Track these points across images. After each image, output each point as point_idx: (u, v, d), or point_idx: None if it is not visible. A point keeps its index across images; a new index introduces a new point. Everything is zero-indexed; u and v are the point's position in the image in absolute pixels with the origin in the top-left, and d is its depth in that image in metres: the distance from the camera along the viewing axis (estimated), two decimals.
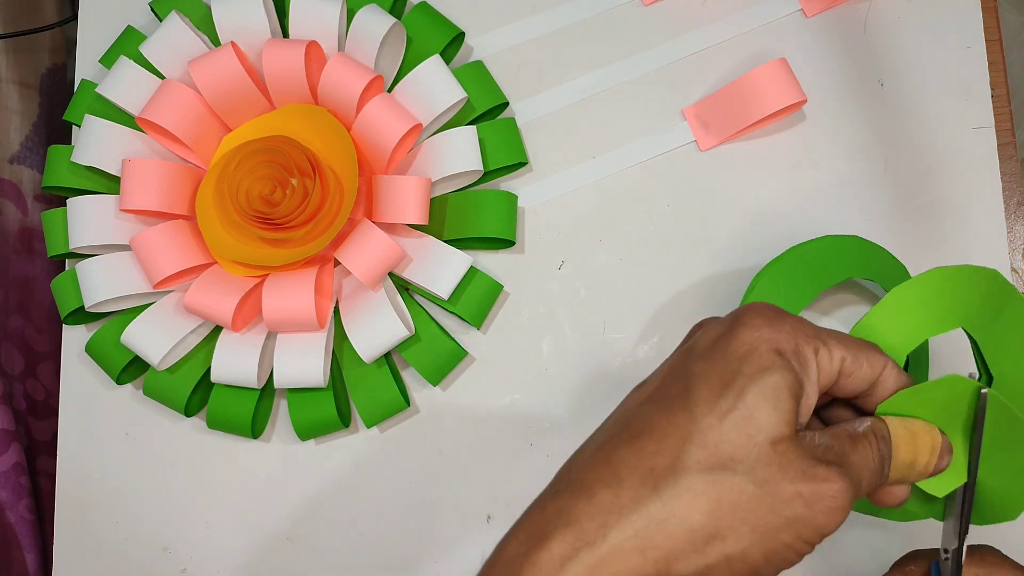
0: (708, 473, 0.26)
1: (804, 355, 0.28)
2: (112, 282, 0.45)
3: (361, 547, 0.47)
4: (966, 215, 0.46)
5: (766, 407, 0.26)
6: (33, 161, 0.55)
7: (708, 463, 0.26)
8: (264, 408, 0.47)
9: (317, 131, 0.45)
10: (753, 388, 0.27)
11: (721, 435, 0.26)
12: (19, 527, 0.50)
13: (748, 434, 0.26)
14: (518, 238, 0.48)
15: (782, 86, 0.45)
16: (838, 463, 0.27)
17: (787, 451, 0.26)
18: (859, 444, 0.28)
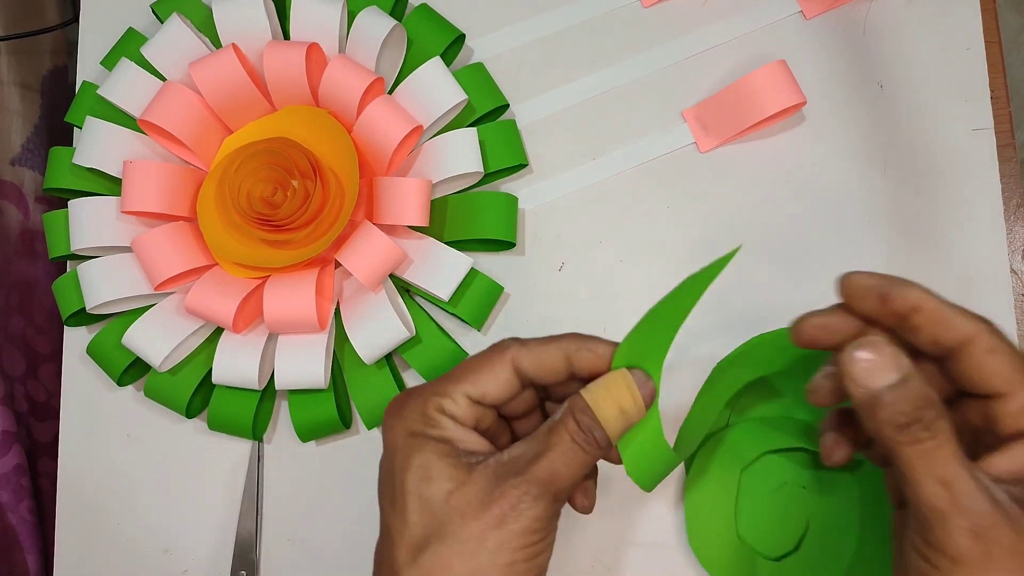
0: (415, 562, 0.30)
1: (432, 418, 0.31)
2: (113, 284, 0.45)
3: (361, 547, 0.47)
4: (965, 217, 0.46)
5: (424, 482, 0.30)
6: (34, 163, 0.56)
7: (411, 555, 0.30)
8: (265, 410, 0.47)
9: (318, 133, 0.45)
10: (408, 476, 0.30)
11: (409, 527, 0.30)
12: (20, 528, 0.50)
13: (425, 510, 0.30)
14: (518, 239, 0.48)
15: (782, 88, 0.45)
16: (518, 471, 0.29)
17: (459, 499, 0.29)
18: (554, 433, 0.30)
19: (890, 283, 0.29)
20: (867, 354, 0.27)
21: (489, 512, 0.29)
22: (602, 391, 0.31)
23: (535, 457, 0.30)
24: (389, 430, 0.32)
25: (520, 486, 0.29)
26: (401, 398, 0.32)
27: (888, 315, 0.29)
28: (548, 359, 0.32)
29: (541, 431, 0.31)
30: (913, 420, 0.26)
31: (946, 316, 0.28)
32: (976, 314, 0.29)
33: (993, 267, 0.46)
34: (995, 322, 0.29)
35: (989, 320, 0.29)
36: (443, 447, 0.30)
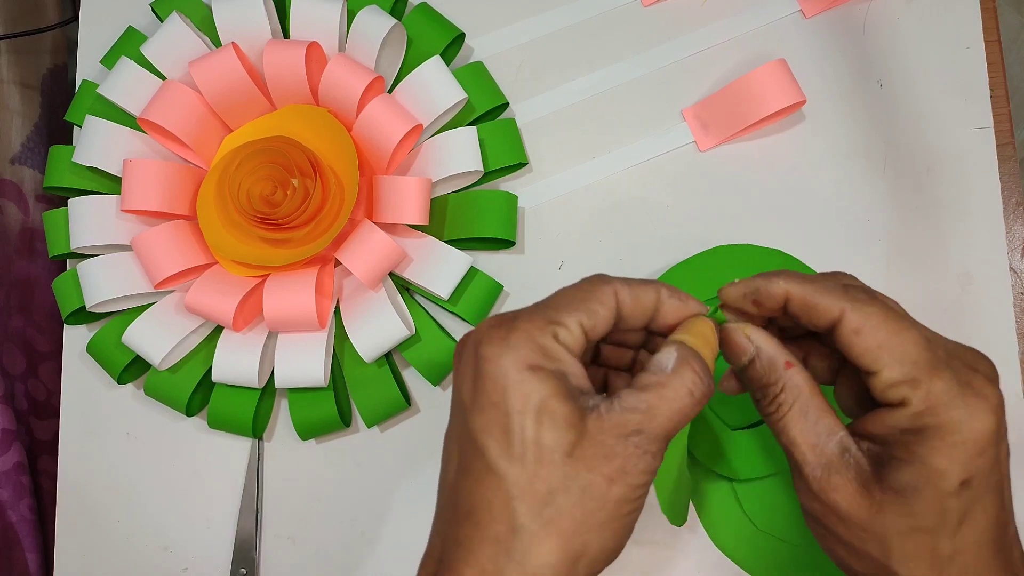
0: (540, 516, 0.28)
1: (549, 349, 0.29)
2: (113, 282, 0.45)
3: (361, 547, 0.47)
4: (965, 215, 0.46)
5: (546, 428, 0.28)
6: (34, 161, 0.56)
7: (536, 507, 0.28)
8: (265, 408, 0.47)
9: (318, 132, 0.45)
10: (528, 420, 0.28)
11: (531, 477, 0.28)
12: (20, 527, 0.50)
13: (548, 461, 0.28)
14: (518, 238, 0.48)
15: (781, 87, 0.45)
16: (638, 427, 0.28)
17: (583, 452, 0.28)
18: (671, 385, 0.29)
19: (756, 285, 0.31)
20: (731, 336, 0.31)
21: (612, 465, 0.28)
22: (699, 339, 0.30)
23: (651, 411, 0.28)
24: (493, 359, 0.28)
25: (642, 445, 0.28)
26: (505, 322, 0.29)
27: (768, 313, 0.32)
28: (645, 298, 0.30)
29: (650, 382, 0.29)
30: (760, 395, 0.31)
31: (811, 302, 0.30)
32: (845, 286, 0.30)
33: (992, 265, 0.46)
34: (859, 277, 0.31)
35: (856, 289, 0.30)
36: (561, 385, 0.28)
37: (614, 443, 0.28)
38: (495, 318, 0.30)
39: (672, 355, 0.29)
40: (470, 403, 0.29)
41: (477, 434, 0.29)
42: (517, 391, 0.28)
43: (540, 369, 0.28)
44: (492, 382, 0.28)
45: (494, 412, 0.28)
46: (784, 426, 0.30)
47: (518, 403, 0.28)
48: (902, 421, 0.28)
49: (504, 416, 0.28)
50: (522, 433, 0.28)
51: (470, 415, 0.29)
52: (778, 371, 0.30)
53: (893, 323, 0.29)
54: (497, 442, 0.28)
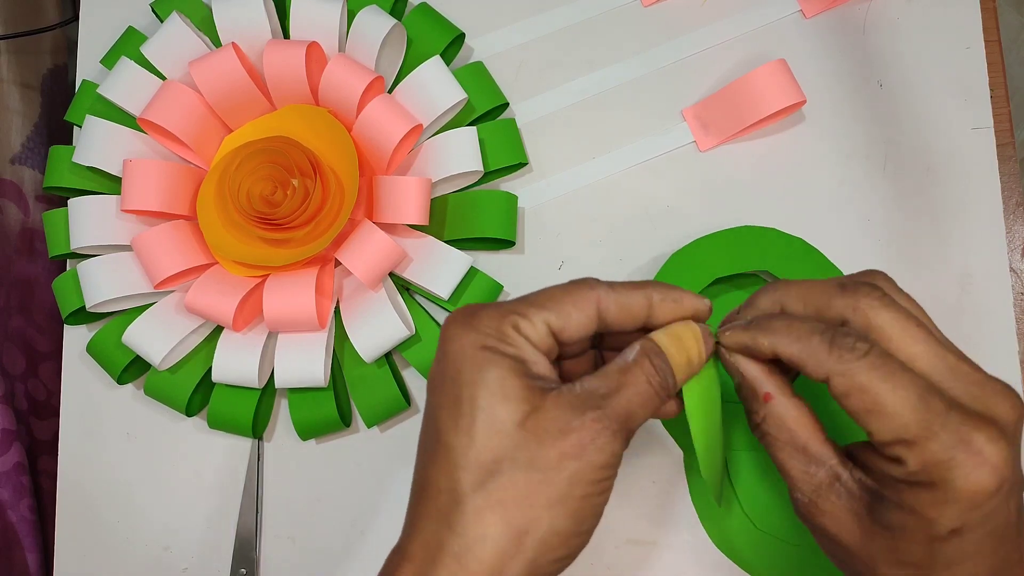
0: (483, 488, 0.28)
1: (508, 335, 0.29)
2: (113, 282, 0.45)
3: (361, 547, 0.47)
4: (965, 215, 0.46)
5: (498, 399, 0.28)
6: (34, 161, 0.56)
7: (479, 478, 0.28)
8: (265, 408, 0.47)
9: (318, 132, 0.45)
10: (479, 391, 0.28)
11: (477, 447, 0.28)
12: (20, 527, 0.50)
13: (496, 431, 0.28)
14: (518, 238, 0.48)
15: (781, 87, 0.45)
16: (596, 404, 0.28)
17: (535, 423, 0.28)
18: (631, 372, 0.29)
19: (745, 343, 0.31)
20: None
21: (567, 440, 0.27)
22: (673, 340, 0.30)
23: (610, 393, 0.29)
24: (454, 339, 0.29)
25: (601, 420, 0.28)
26: (470, 308, 0.30)
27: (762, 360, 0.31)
28: (633, 305, 0.30)
29: (612, 369, 0.29)
30: (748, 415, 0.32)
31: (798, 363, 0.29)
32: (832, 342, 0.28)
33: (992, 265, 0.46)
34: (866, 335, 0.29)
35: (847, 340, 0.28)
36: (518, 366, 0.29)
37: (570, 417, 0.28)
38: (463, 307, 0.31)
39: (635, 348, 0.30)
40: (432, 383, 0.30)
41: (434, 410, 0.30)
42: (472, 365, 0.29)
43: (496, 350, 0.29)
44: (450, 359, 0.29)
45: (450, 387, 0.29)
46: (771, 451, 0.31)
47: (472, 377, 0.28)
48: (896, 473, 0.28)
49: (457, 389, 0.29)
50: (472, 403, 0.28)
51: (431, 395, 0.30)
52: (759, 401, 0.31)
53: (885, 381, 0.27)
54: (449, 414, 0.29)
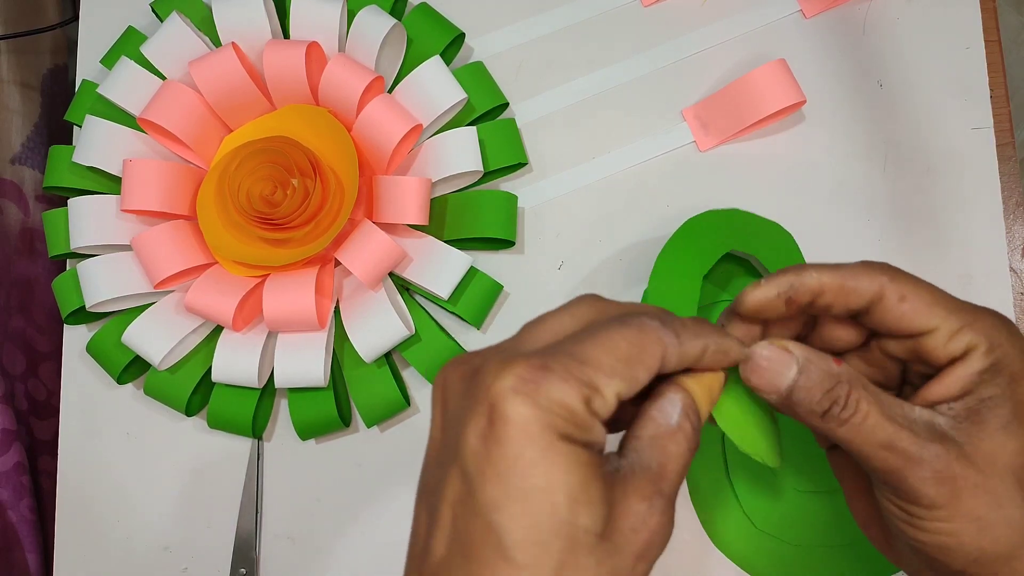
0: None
1: (580, 417, 0.24)
2: (113, 282, 0.45)
3: (361, 547, 0.47)
4: (965, 215, 0.46)
5: (581, 507, 0.24)
6: (34, 161, 0.56)
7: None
8: (265, 408, 0.47)
9: (318, 132, 0.45)
10: (560, 498, 0.23)
11: (557, 568, 0.23)
12: (20, 527, 0.50)
13: (583, 546, 0.24)
14: (518, 238, 0.48)
15: (781, 87, 0.45)
16: (656, 489, 0.25)
17: (612, 529, 0.24)
18: (675, 439, 0.26)
19: (789, 282, 0.28)
20: (760, 362, 0.28)
21: (639, 539, 0.24)
22: (704, 389, 0.27)
23: (662, 471, 0.25)
24: (519, 420, 0.23)
25: (666, 511, 0.25)
26: (533, 373, 0.24)
27: (798, 311, 0.29)
28: (691, 357, 0.27)
29: (659, 434, 0.26)
30: (830, 404, 0.27)
31: (849, 286, 0.28)
32: (870, 263, 0.28)
33: (992, 265, 0.46)
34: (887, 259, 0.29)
35: (883, 264, 0.29)
36: (593, 458, 0.24)
37: (637, 511, 0.25)
38: (518, 365, 0.24)
39: (677, 406, 0.26)
40: (479, 467, 0.24)
41: (489, 509, 0.23)
42: (548, 464, 0.23)
43: (572, 440, 0.24)
44: (515, 448, 0.23)
45: (517, 485, 0.23)
46: (873, 426, 0.27)
47: (550, 479, 0.23)
48: (976, 366, 0.27)
49: (530, 492, 0.23)
50: (554, 514, 0.23)
51: (480, 483, 0.24)
52: (833, 370, 0.27)
53: (925, 283, 0.28)
54: (518, 523, 0.23)
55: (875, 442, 0.27)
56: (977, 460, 0.26)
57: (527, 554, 0.23)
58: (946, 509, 0.26)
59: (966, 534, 0.27)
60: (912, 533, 0.28)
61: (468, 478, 0.24)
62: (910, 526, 0.27)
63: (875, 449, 0.27)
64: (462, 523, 0.24)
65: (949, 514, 0.26)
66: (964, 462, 0.26)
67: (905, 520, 0.28)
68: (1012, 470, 0.26)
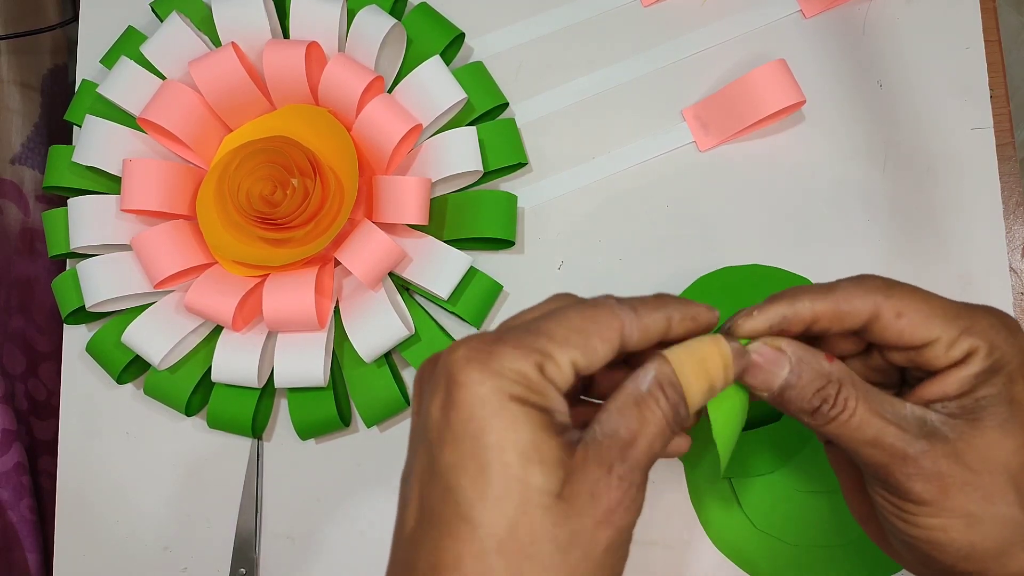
0: (520, 572, 0.24)
1: (534, 381, 0.25)
2: (113, 282, 0.45)
3: (361, 547, 0.47)
4: (965, 215, 0.46)
5: (534, 466, 0.24)
6: (34, 161, 0.56)
7: (517, 561, 0.24)
8: (264, 408, 0.47)
9: (317, 131, 0.45)
10: (511, 456, 0.24)
11: (512, 524, 0.24)
12: (21, 527, 0.50)
13: (534, 506, 0.24)
14: (518, 238, 0.48)
15: (781, 87, 0.45)
16: (621, 455, 0.25)
17: (571, 491, 0.24)
18: (646, 407, 0.26)
19: (781, 312, 0.28)
20: (755, 359, 0.28)
21: (599, 506, 0.24)
22: (695, 362, 0.27)
23: (631, 437, 0.25)
24: (470, 384, 0.24)
25: (627, 476, 0.25)
26: (483, 344, 0.25)
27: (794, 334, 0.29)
28: (654, 329, 0.27)
29: (628, 402, 0.26)
30: (820, 402, 0.28)
31: (843, 310, 0.28)
32: (863, 280, 0.28)
33: (992, 265, 0.46)
34: None
35: (876, 280, 0.28)
36: (549, 420, 0.25)
37: (599, 477, 0.24)
38: (472, 338, 0.26)
39: (649, 374, 0.26)
40: (438, 435, 0.25)
41: (447, 472, 0.24)
42: (500, 422, 0.24)
43: (525, 401, 0.24)
44: (468, 411, 0.24)
45: (470, 446, 0.24)
46: (860, 423, 0.27)
47: (501, 437, 0.24)
48: (975, 368, 0.27)
49: (482, 451, 0.24)
50: (505, 471, 0.24)
51: (439, 450, 0.25)
52: (824, 370, 0.28)
53: (921, 293, 0.28)
54: (473, 482, 0.24)
55: (862, 438, 0.27)
56: (968, 457, 0.27)
57: (482, 512, 0.24)
58: (934, 505, 0.27)
59: (955, 530, 0.27)
60: (903, 528, 0.28)
61: (430, 448, 0.25)
62: (901, 521, 0.28)
63: (862, 445, 0.27)
64: (426, 491, 0.25)
65: (938, 510, 0.27)
66: (953, 459, 0.27)
67: (896, 515, 0.28)
68: (1006, 468, 0.27)
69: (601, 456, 0.25)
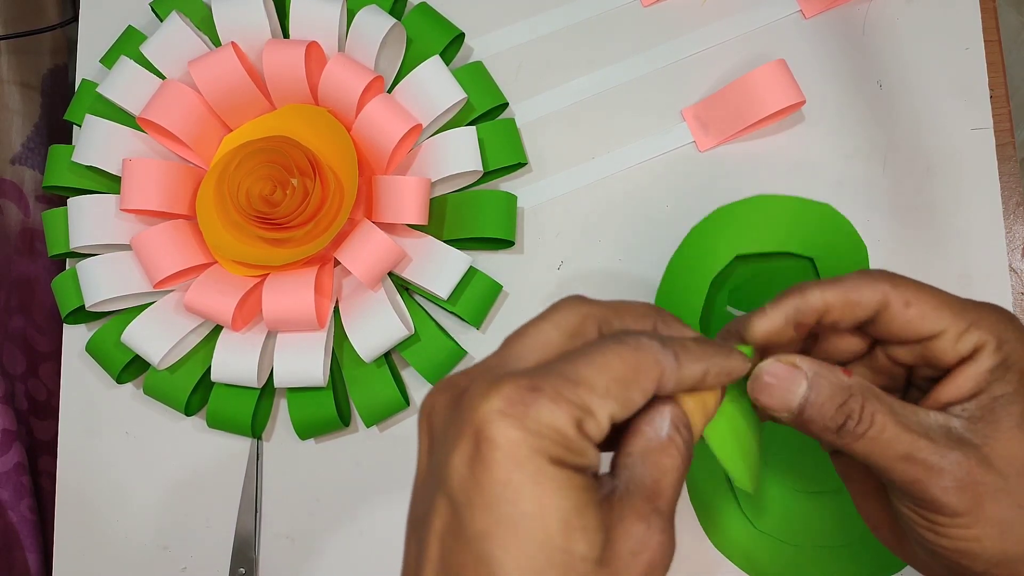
0: None
1: (572, 440, 0.23)
2: (113, 281, 0.45)
3: (361, 547, 0.47)
4: (965, 215, 0.46)
5: (576, 534, 0.22)
6: (35, 162, 0.56)
7: None
8: (264, 407, 0.47)
9: (317, 131, 0.45)
10: (554, 525, 0.22)
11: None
12: (21, 527, 0.50)
13: (577, 574, 0.22)
14: (517, 238, 0.48)
15: (781, 87, 0.45)
16: (654, 508, 0.24)
17: (611, 555, 0.23)
18: (668, 453, 0.25)
19: (794, 306, 0.28)
20: (768, 379, 0.27)
21: (638, 564, 0.23)
22: (698, 398, 0.26)
23: (660, 487, 0.24)
24: (507, 445, 0.22)
25: (665, 529, 0.24)
26: (521, 394, 0.23)
27: (807, 332, 0.29)
28: (689, 382, 0.26)
29: (650, 448, 0.25)
30: (844, 418, 0.27)
31: (853, 299, 0.27)
32: (870, 272, 0.28)
33: (992, 265, 0.46)
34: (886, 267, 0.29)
35: (882, 272, 0.28)
36: (586, 482, 0.23)
37: (638, 534, 0.23)
38: (506, 386, 0.23)
39: (667, 418, 0.25)
40: (466, 496, 0.23)
41: (480, 540, 0.22)
42: (539, 489, 0.22)
43: (563, 464, 0.23)
44: (504, 474, 0.22)
45: (507, 514, 0.22)
46: (891, 438, 0.26)
47: (542, 505, 0.22)
48: (986, 364, 0.26)
49: (521, 520, 0.22)
50: (547, 542, 0.22)
51: (468, 512, 0.23)
52: (844, 383, 0.27)
53: (927, 286, 0.27)
54: (510, 553, 0.22)
55: (894, 455, 0.26)
56: (996, 462, 0.26)
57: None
58: (969, 516, 0.26)
59: (988, 539, 0.26)
60: (933, 539, 0.27)
61: (456, 507, 0.23)
62: (931, 532, 0.27)
63: (895, 462, 0.26)
64: (451, 555, 0.23)
65: (972, 520, 0.26)
66: (984, 467, 0.26)
67: (926, 527, 0.27)
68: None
69: (636, 511, 0.24)
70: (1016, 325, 0.27)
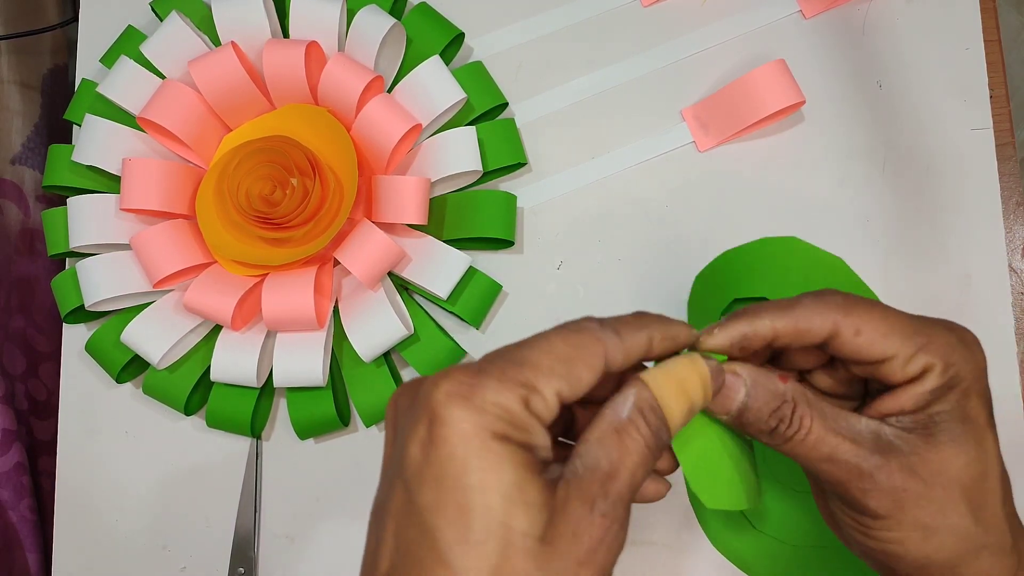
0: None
1: (518, 416, 0.24)
2: (112, 281, 0.45)
3: (361, 546, 0.47)
4: (965, 215, 0.46)
5: (518, 508, 0.23)
6: (35, 162, 0.56)
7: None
8: (263, 407, 0.47)
9: (317, 131, 0.45)
10: (494, 498, 0.23)
11: (494, 570, 0.23)
12: (21, 527, 0.50)
13: (517, 550, 0.23)
14: (517, 238, 0.48)
15: (781, 87, 0.45)
16: (603, 491, 0.24)
17: (554, 532, 0.24)
18: (626, 436, 0.25)
19: (741, 331, 0.29)
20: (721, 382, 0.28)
21: (581, 545, 0.24)
22: (673, 383, 0.27)
23: (613, 469, 0.25)
24: (452, 422, 0.23)
25: (609, 513, 0.24)
26: (465, 377, 0.24)
27: (754, 354, 0.29)
28: (636, 351, 0.27)
29: (607, 431, 0.25)
30: (776, 422, 0.28)
31: (802, 328, 0.28)
32: (823, 297, 0.28)
33: (992, 265, 0.46)
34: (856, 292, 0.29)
35: (835, 296, 0.28)
36: (532, 458, 0.24)
37: (581, 516, 0.24)
38: (455, 371, 0.25)
39: (628, 400, 0.26)
40: (417, 473, 0.24)
41: (426, 513, 0.23)
42: (482, 463, 0.23)
43: (508, 440, 0.24)
44: (449, 450, 0.23)
45: (451, 487, 0.23)
46: (815, 441, 0.27)
47: (484, 478, 0.23)
48: (929, 385, 0.27)
49: (464, 492, 0.23)
50: (487, 514, 0.23)
51: (417, 488, 0.24)
52: (779, 390, 0.28)
53: (880, 310, 0.28)
54: (453, 524, 0.23)
55: (818, 456, 0.28)
56: (922, 471, 0.27)
57: (463, 557, 0.23)
58: (891, 518, 0.27)
59: (911, 542, 0.27)
60: (862, 540, 0.28)
61: (408, 486, 0.24)
62: (860, 533, 0.28)
63: (819, 462, 0.28)
64: (403, 532, 0.24)
65: (894, 523, 0.27)
66: (907, 472, 0.27)
67: (854, 528, 0.28)
68: (958, 482, 0.27)
69: (583, 492, 0.24)
70: (969, 346, 0.28)
